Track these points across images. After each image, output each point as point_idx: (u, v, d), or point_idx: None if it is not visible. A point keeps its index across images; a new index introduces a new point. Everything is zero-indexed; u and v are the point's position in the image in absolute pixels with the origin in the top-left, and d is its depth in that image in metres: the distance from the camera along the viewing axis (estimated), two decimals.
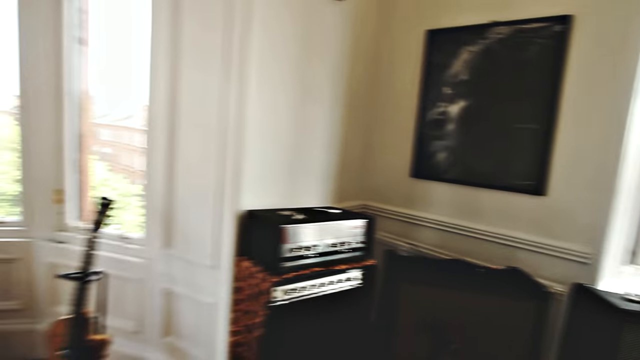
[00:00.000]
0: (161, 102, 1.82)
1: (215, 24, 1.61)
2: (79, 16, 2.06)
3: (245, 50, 1.53)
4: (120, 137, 4.74)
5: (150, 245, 1.98)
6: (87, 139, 2.22)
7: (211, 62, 1.64)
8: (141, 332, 2.04)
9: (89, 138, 2.24)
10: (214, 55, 1.62)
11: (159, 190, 1.88)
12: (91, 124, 2.25)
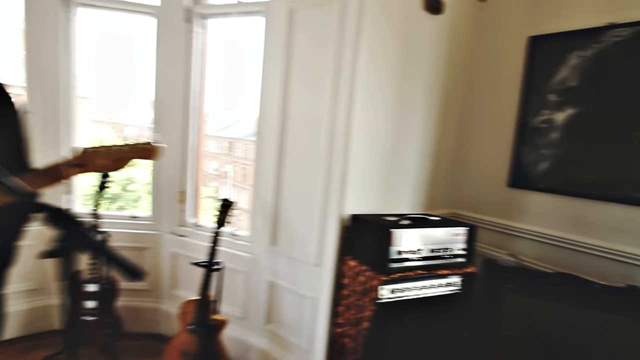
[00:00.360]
0: (272, 114, 2.06)
1: (326, 42, 1.80)
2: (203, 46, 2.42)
3: (354, 65, 1.70)
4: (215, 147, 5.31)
5: (256, 242, 2.25)
6: (201, 150, 2.60)
7: (321, 77, 1.83)
8: (246, 319, 2.32)
9: (202, 149, 2.62)
10: (324, 71, 1.82)
11: (266, 194, 2.13)
12: (204, 137, 2.63)
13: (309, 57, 1.89)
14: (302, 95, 1.93)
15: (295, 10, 1.89)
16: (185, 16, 2.30)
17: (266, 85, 2.12)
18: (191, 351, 1.97)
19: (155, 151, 0.94)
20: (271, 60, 2.07)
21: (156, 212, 2.58)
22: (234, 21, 2.37)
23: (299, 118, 1.95)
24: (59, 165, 0.89)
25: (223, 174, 23.18)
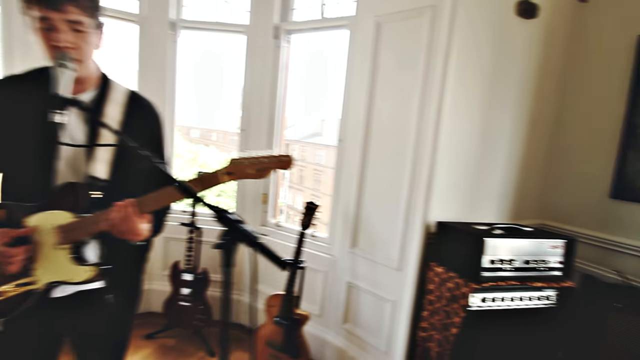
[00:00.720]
0: (355, 121, 2.17)
1: (414, 52, 1.87)
2: (287, 60, 2.63)
3: (443, 75, 1.74)
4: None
5: (335, 244, 2.38)
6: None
7: (408, 87, 1.90)
8: (323, 316, 2.46)
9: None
10: (412, 81, 1.88)
11: (348, 198, 2.24)
12: (284, 143, 2.83)
13: (396, 67, 1.96)
14: (387, 104, 2.01)
15: (382, 24, 1.99)
16: (273, 33, 2.52)
17: (350, 94, 2.24)
18: (276, 341, 2.15)
19: (291, 163, 1.10)
20: (355, 70, 2.19)
21: (240, 212, 2.84)
22: (317, 35, 2.53)
23: (384, 125, 2.04)
24: (216, 173, 1.08)
25: (280, 175, 24.26)
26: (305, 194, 14.03)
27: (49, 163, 1.16)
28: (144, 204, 1.09)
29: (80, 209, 1.13)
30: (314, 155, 14.31)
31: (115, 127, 1.22)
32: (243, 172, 1.09)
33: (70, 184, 1.15)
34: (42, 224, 1.13)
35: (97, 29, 1.15)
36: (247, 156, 1.10)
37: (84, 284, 1.15)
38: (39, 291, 1.14)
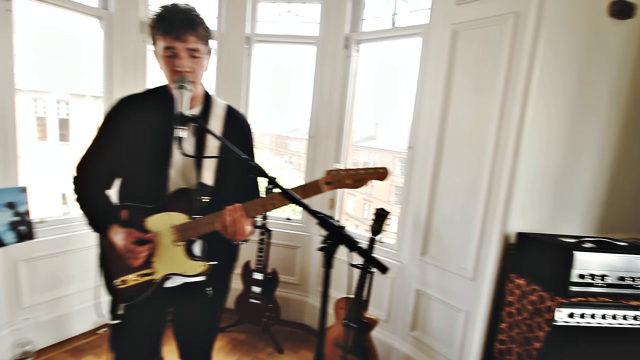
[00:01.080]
0: (428, 128, 2.20)
1: (495, 60, 1.87)
2: (355, 68, 2.72)
3: (527, 84, 1.72)
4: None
5: (404, 250, 2.41)
6: (348, 161, 2.89)
7: (487, 95, 1.90)
8: (390, 322, 2.50)
9: (349, 161, 2.91)
10: (492, 89, 1.88)
11: (418, 205, 2.27)
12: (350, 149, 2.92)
13: (473, 74, 1.97)
14: (463, 112, 2.02)
15: (459, 32, 2.01)
16: (344, 43, 2.62)
17: (421, 101, 2.28)
18: (344, 343, 2.23)
19: (387, 175, 1.19)
20: (428, 77, 2.22)
21: (307, 216, 2.97)
22: (387, 43, 2.59)
23: (459, 133, 2.05)
24: (317, 182, 1.20)
25: None
26: (357, 198, 14.03)
27: (164, 170, 1.36)
28: (251, 209, 1.24)
29: (192, 211, 1.31)
30: (368, 159, 14.26)
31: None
32: (341, 182, 1.19)
33: (184, 190, 1.33)
34: (160, 224, 1.33)
35: (208, 54, 1.33)
36: (344, 168, 1.21)
37: (195, 277, 1.33)
38: (156, 282, 1.34)
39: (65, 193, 12.64)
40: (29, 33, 1.93)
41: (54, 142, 12.46)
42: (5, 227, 2.17)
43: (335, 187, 1.21)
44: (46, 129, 12.45)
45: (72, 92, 8.56)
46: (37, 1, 2.20)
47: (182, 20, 1.20)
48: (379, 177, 1.19)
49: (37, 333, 2.43)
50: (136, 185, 1.39)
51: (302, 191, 1.21)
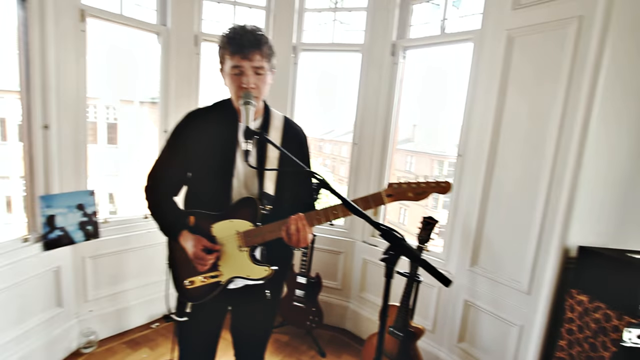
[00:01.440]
0: (480, 135, 2.17)
1: (555, 67, 1.82)
2: (402, 75, 2.73)
3: (591, 90, 1.67)
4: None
5: (451, 260, 2.39)
6: (392, 166, 2.90)
7: (545, 103, 1.86)
8: (436, 333, 2.49)
9: (393, 166, 2.91)
10: (550, 98, 1.84)
11: (468, 213, 2.25)
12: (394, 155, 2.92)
13: (530, 81, 1.93)
14: (519, 119, 1.98)
15: (515, 37, 1.97)
16: (390, 50, 2.64)
17: (472, 108, 2.25)
18: (389, 351, 2.25)
19: (450, 188, 1.22)
20: (480, 83, 2.19)
21: (350, 222, 3.01)
22: (435, 49, 2.58)
23: (514, 141, 2.01)
24: (380, 194, 1.25)
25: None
26: (393, 203, 13.84)
27: (228, 179, 1.45)
28: (314, 218, 1.30)
29: (256, 219, 1.40)
30: (404, 162, 14.05)
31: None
32: (403, 195, 1.23)
33: (248, 198, 1.42)
34: (225, 230, 1.42)
35: (271, 70, 1.41)
36: (405, 181, 1.24)
37: (258, 280, 1.41)
38: (222, 284, 1.44)
39: (112, 193, 13.58)
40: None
41: (103, 145, 13.46)
42: (75, 227, 2.39)
43: (396, 199, 1.25)
44: (96, 132, 13.48)
45: (122, 98, 9.18)
46: (108, 22, 2.42)
47: (249, 40, 1.30)
48: (441, 191, 1.21)
49: (100, 324, 2.65)
50: (202, 193, 1.51)
51: (364, 203, 1.26)
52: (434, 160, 13.54)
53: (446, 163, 13.21)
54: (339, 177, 20.80)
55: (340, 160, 21.80)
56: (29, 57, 2.08)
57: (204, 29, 2.80)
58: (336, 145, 23.58)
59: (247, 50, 1.30)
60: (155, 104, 2.92)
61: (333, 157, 23.25)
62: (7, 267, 2.05)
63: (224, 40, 1.34)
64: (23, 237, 2.19)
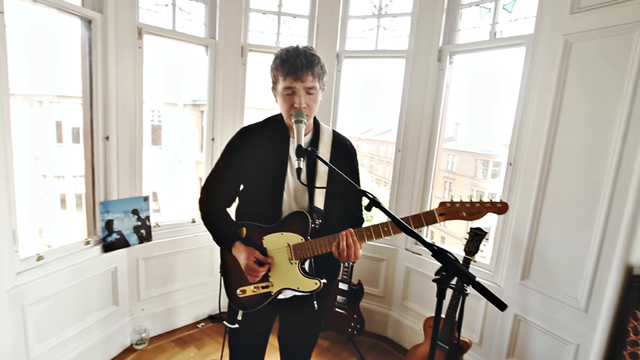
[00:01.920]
0: (533, 143, 2.12)
1: (619, 73, 1.75)
2: (449, 80, 2.70)
3: None
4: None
5: (500, 272, 2.35)
6: (438, 172, 2.87)
7: (608, 112, 1.79)
8: (483, 347, 2.45)
9: (439, 172, 2.89)
10: (613, 107, 1.77)
11: (519, 224, 2.20)
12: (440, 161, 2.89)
13: (590, 88, 1.86)
14: (577, 129, 1.91)
15: (572, 42, 1.91)
16: (437, 56, 2.63)
17: (524, 116, 2.20)
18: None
19: (507, 209, 1.22)
20: (533, 90, 2.13)
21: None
22: (484, 54, 2.53)
23: (571, 151, 1.94)
24: (433, 212, 1.28)
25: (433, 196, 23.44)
26: (435, 204, 13.57)
27: (279, 193, 1.52)
28: (364, 235, 1.35)
29: (307, 232, 1.46)
30: (446, 162, 13.71)
31: (326, 160, 1.53)
32: (456, 214, 1.25)
33: (299, 212, 1.49)
34: (276, 242, 1.50)
35: (322, 89, 1.47)
36: (459, 200, 1.25)
37: (308, 293, 1.47)
38: (272, 294, 1.52)
39: (155, 192, 14.42)
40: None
41: (147, 145, 14.27)
42: (130, 231, 2.59)
43: (448, 218, 1.27)
44: (143, 134, 14.29)
45: (166, 100, 9.69)
46: (162, 37, 2.59)
47: (302, 63, 1.35)
48: (496, 212, 1.21)
49: (151, 322, 2.85)
50: (253, 205, 1.60)
51: (416, 221, 1.28)
52: (478, 160, 13.11)
53: (491, 163, 12.76)
54: (377, 177, 20.59)
55: (378, 160, 21.59)
56: (92, 74, 2.28)
57: (249, 40, 2.92)
58: (374, 144, 23.40)
59: (299, 72, 1.35)
60: (197, 105, 3.08)
61: (371, 157, 23.09)
62: (72, 267, 2.25)
63: (277, 62, 1.40)
64: (85, 240, 2.40)
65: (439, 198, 8.68)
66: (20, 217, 1.97)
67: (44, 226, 8.60)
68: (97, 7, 2.23)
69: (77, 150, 1.74)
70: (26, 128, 7.97)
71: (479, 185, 13.04)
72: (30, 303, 2.01)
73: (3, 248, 1.85)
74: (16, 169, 1.94)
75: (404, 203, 2.91)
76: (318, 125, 1.59)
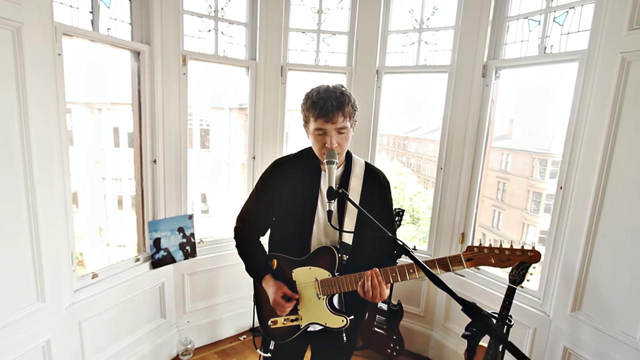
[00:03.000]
0: (586, 166, 2.07)
1: None
2: (494, 96, 2.67)
3: None
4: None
5: (549, 300, 2.30)
6: (483, 192, 2.85)
7: None
8: None
9: (483, 191, 2.86)
10: None
11: (570, 252, 2.15)
12: (486, 179, 2.86)
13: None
14: (636, 153, 1.85)
15: (631, 61, 1.84)
16: (482, 71, 2.61)
17: (576, 135, 2.14)
18: None
19: (539, 259, 1.23)
20: (586, 110, 2.07)
21: (433, 248, 3.04)
22: (534, 69, 2.48)
23: (630, 177, 1.88)
24: (459, 257, 1.31)
25: (480, 208, 22.22)
26: (486, 204, 13.09)
27: (309, 227, 1.61)
28: (389, 275, 1.40)
29: (334, 268, 1.54)
30: (499, 162, 13.14)
31: (357, 196, 1.60)
32: (484, 260, 1.28)
33: (327, 248, 1.57)
34: (305, 276, 1.59)
35: (352, 126, 1.53)
36: (488, 245, 1.28)
37: (336, 329, 1.56)
38: (301, 327, 1.61)
39: (204, 193, 15.32)
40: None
41: (197, 149, 15.23)
42: (176, 247, 2.82)
43: (476, 264, 1.29)
44: (192, 138, 15.32)
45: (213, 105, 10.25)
46: (205, 62, 2.80)
47: (333, 105, 1.41)
48: (528, 260, 1.22)
49: (195, 334, 3.08)
50: (284, 237, 1.70)
51: (442, 265, 1.32)
52: (535, 159, 12.46)
53: (549, 162, 12.06)
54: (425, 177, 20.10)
55: (426, 159, 21.07)
56: (140, 101, 2.52)
57: (289, 59, 3.06)
58: (421, 143, 22.79)
59: (330, 114, 1.41)
60: (242, 109, 3.26)
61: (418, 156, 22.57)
62: (124, 284, 2.51)
63: (309, 104, 1.47)
64: (135, 257, 2.66)
65: (489, 199, 8.56)
66: (83, 218, 2.22)
67: (103, 225, 9.46)
68: (144, 39, 2.46)
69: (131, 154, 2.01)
70: (88, 135, 8.84)
71: (537, 186, 12.39)
72: (86, 318, 2.27)
73: (62, 269, 2.10)
74: (79, 172, 2.20)
75: (446, 222, 2.92)
76: (350, 158, 1.66)
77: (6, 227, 1.78)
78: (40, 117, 1.85)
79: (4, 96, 1.69)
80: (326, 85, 1.50)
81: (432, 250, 3.05)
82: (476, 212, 2.84)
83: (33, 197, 1.85)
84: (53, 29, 1.91)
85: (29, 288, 1.92)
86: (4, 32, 1.67)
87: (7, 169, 1.75)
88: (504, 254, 1.25)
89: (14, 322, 1.85)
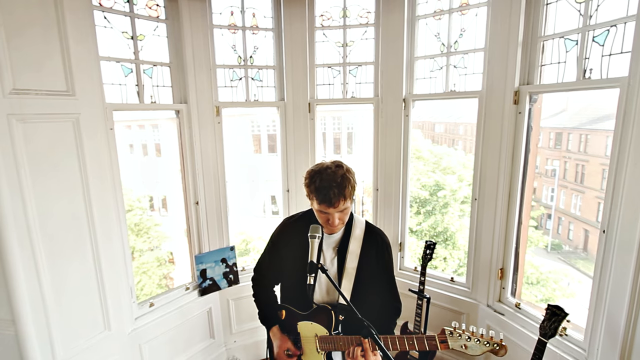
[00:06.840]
0: (628, 205, 1.83)
1: None
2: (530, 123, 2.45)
3: None
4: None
5: (595, 353, 2.06)
6: (526, 224, 2.62)
7: None
8: None
9: (526, 224, 2.63)
10: None
11: (614, 305, 1.91)
12: (529, 211, 2.63)
13: None
14: None
15: None
16: (512, 99, 2.41)
17: (620, 172, 1.87)
18: None
19: (505, 352, 1.19)
20: (629, 141, 1.82)
21: (471, 281, 2.88)
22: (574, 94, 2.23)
23: None
24: (434, 338, 1.33)
25: (548, 172, 19.14)
26: (568, 191, 11.67)
27: (311, 286, 1.69)
28: (376, 346, 1.44)
29: (331, 327, 1.62)
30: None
31: (355, 258, 1.65)
32: (456, 345, 1.27)
33: (325, 307, 1.66)
34: (307, 330, 1.69)
35: (352, 202, 1.60)
36: (463, 332, 1.26)
37: None
38: None
39: (274, 195, 16.23)
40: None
41: (265, 153, 16.14)
42: (220, 276, 3.09)
43: (450, 347, 1.29)
44: (260, 143, 16.29)
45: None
46: (236, 107, 3.03)
47: (335, 194, 1.50)
48: (494, 352, 1.20)
49: (242, 352, 3.34)
50: (290, 291, 1.84)
51: (419, 343, 1.34)
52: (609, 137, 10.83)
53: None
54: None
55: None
56: (182, 151, 2.81)
57: (317, 94, 3.14)
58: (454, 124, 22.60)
59: (333, 201, 1.51)
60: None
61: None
62: (176, 310, 2.84)
63: (312, 188, 1.57)
64: (185, 287, 2.98)
65: (593, 190, 7.85)
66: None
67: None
68: (182, 98, 2.76)
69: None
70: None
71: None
72: (146, 341, 2.64)
73: (123, 301, 2.47)
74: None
75: (483, 257, 2.75)
76: (351, 220, 1.72)
77: (81, 283, 2.17)
78: (98, 186, 2.19)
79: (67, 175, 2.05)
80: (326, 167, 1.58)
81: (470, 283, 2.90)
82: (517, 246, 2.62)
83: (97, 257, 2.23)
84: (104, 110, 2.27)
85: (97, 320, 2.29)
86: (66, 124, 2.04)
87: (77, 235, 2.14)
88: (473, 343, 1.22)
89: (86, 349, 2.23)
